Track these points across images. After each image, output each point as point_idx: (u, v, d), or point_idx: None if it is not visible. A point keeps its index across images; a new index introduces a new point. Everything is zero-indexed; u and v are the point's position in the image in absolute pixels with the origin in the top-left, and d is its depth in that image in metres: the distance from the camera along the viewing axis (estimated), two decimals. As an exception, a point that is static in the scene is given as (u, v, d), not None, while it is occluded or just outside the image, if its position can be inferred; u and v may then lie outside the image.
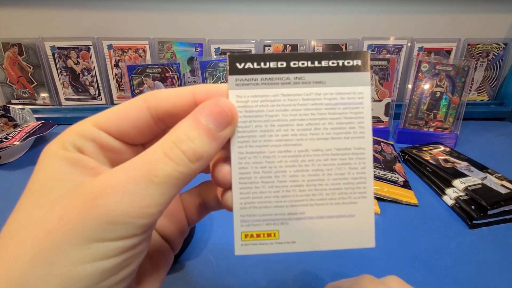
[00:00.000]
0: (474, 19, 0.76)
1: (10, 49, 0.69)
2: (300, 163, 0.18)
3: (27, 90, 0.73)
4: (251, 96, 0.18)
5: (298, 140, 0.18)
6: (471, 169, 0.51)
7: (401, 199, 0.47)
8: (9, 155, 0.58)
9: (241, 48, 0.71)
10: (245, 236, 0.18)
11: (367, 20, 0.74)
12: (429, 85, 0.64)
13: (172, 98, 0.17)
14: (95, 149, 0.17)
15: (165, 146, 0.15)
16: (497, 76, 0.77)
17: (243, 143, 0.18)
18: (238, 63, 0.18)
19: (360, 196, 0.18)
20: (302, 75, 0.18)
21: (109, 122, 0.17)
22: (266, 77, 0.18)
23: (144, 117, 0.17)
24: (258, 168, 0.18)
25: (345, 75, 0.18)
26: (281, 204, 0.18)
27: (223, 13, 0.73)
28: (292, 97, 0.18)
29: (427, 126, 0.66)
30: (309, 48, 0.72)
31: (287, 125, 0.18)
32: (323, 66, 0.18)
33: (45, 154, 0.17)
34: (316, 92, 0.18)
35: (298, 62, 0.18)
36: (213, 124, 0.16)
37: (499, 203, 0.43)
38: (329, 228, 0.18)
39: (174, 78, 0.61)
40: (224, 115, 0.17)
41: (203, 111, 0.16)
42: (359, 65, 0.18)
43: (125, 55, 0.71)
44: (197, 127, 0.16)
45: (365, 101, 0.18)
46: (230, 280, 0.35)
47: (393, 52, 0.73)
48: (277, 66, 0.18)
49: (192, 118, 0.16)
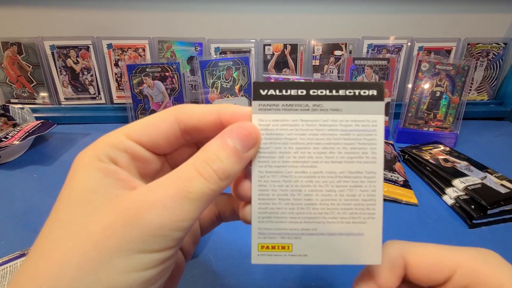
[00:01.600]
0: (474, 18, 0.76)
1: (10, 48, 0.69)
2: (315, 184, 0.19)
3: (27, 90, 0.73)
4: (272, 120, 0.19)
5: (313, 162, 0.19)
6: (471, 169, 0.51)
7: (401, 199, 0.47)
8: (9, 155, 0.58)
9: (241, 48, 0.71)
10: (261, 247, 0.19)
11: (367, 19, 0.74)
12: (429, 85, 0.64)
13: (200, 114, 0.19)
14: (127, 160, 0.18)
15: (197, 164, 0.17)
16: (497, 76, 0.77)
17: (263, 163, 0.19)
18: (262, 89, 0.19)
19: (369, 216, 0.19)
20: (320, 103, 0.19)
21: (141, 134, 0.18)
22: (287, 103, 0.19)
23: (173, 130, 0.19)
24: (276, 186, 0.19)
25: (361, 103, 0.19)
26: (296, 220, 0.19)
27: (223, 13, 0.72)
28: (310, 123, 0.19)
29: (427, 125, 0.66)
30: (309, 48, 0.72)
31: (304, 148, 0.19)
32: (340, 95, 0.19)
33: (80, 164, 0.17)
34: (333, 118, 0.19)
35: (317, 90, 0.19)
36: (239, 145, 0.18)
37: (499, 202, 0.43)
38: (338, 244, 0.19)
39: (174, 78, 0.61)
40: (250, 138, 0.18)
41: (231, 134, 0.18)
42: (375, 95, 0.19)
43: (125, 54, 0.71)
44: (225, 148, 0.17)
45: (378, 129, 0.19)
46: (230, 280, 0.35)
47: (393, 51, 0.73)
48: (297, 93, 0.19)
49: (220, 139, 0.18)
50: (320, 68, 0.74)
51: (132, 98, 0.60)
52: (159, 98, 0.61)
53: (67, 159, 0.59)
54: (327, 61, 0.73)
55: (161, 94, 0.61)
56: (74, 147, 0.63)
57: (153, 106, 0.61)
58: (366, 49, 0.73)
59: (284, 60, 0.73)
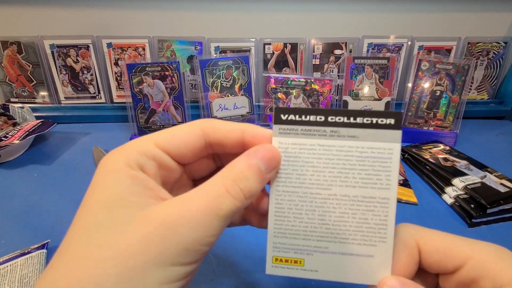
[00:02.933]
0: (474, 17, 0.75)
1: (9, 47, 0.69)
2: (328, 205, 0.20)
3: (27, 89, 0.73)
4: (291, 144, 0.20)
5: (328, 185, 0.20)
6: (471, 168, 0.51)
7: (401, 198, 0.48)
8: (9, 154, 0.58)
9: (241, 47, 0.71)
10: (275, 259, 0.20)
11: (367, 18, 0.74)
12: (429, 84, 0.64)
13: (225, 131, 0.21)
14: (154, 168, 0.19)
15: (226, 183, 0.18)
16: (497, 75, 0.77)
17: (281, 182, 0.20)
18: (283, 114, 0.20)
19: (380, 240, 0.19)
20: (338, 129, 0.20)
21: (169, 143, 0.20)
22: (306, 128, 0.20)
23: (199, 142, 0.20)
24: (292, 205, 0.20)
25: (378, 131, 0.19)
26: (308, 238, 0.20)
27: (223, 12, 0.72)
28: (327, 148, 0.20)
29: (427, 125, 0.66)
30: (309, 47, 0.72)
31: (320, 171, 0.20)
32: (358, 123, 0.20)
33: (110, 169, 0.18)
34: (349, 145, 0.20)
35: (336, 117, 0.20)
36: (263, 167, 0.19)
37: (499, 201, 0.43)
38: (349, 264, 0.20)
39: (173, 77, 0.61)
40: (273, 160, 0.19)
41: (256, 155, 0.19)
42: (392, 123, 0.19)
43: (125, 54, 0.71)
44: (251, 168, 0.18)
45: (394, 157, 0.19)
46: (230, 280, 0.35)
47: (393, 50, 0.73)
48: (316, 119, 0.20)
49: (247, 159, 0.19)
50: (320, 67, 0.74)
51: (132, 97, 0.60)
52: (159, 97, 0.61)
53: (67, 158, 0.59)
54: (327, 60, 0.73)
55: (161, 93, 0.61)
56: (74, 146, 0.63)
57: (153, 105, 0.61)
58: (366, 48, 0.73)
59: (284, 59, 0.73)
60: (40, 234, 0.40)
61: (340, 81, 0.67)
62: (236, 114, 0.66)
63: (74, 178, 0.52)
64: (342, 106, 0.67)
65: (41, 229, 0.41)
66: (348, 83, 0.66)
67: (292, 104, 0.67)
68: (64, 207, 0.46)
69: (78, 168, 0.55)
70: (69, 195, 0.48)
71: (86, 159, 0.58)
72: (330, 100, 0.66)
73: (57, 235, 0.40)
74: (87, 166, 0.56)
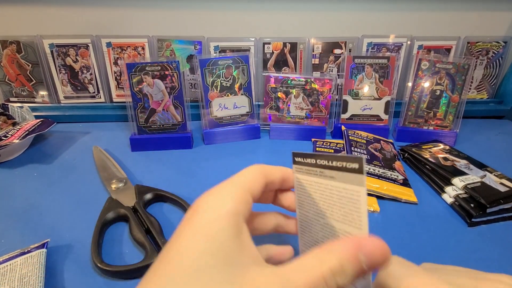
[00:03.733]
0: (474, 17, 0.75)
1: (9, 46, 0.69)
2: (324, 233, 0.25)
3: (26, 88, 0.73)
4: (303, 179, 0.26)
5: (323, 215, 0.24)
6: (471, 167, 0.51)
7: (401, 197, 0.48)
8: (9, 153, 0.58)
9: (240, 46, 0.71)
10: None
11: (367, 18, 0.74)
12: (429, 83, 0.64)
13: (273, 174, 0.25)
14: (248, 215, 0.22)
15: (325, 273, 0.17)
16: (496, 74, 0.77)
17: (299, 205, 0.27)
18: (297, 157, 0.26)
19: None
20: (323, 170, 0.23)
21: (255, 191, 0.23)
22: (307, 168, 0.25)
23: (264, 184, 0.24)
24: (303, 224, 0.27)
25: (347, 174, 0.21)
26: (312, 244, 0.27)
27: (222, 11, 0.72)
28: (319, 185, 0.24)
29: (427, 124, 0.66)
30: (308, 46, 0.72)
31: (315, 203, 0.25)
32: (334, 165, 0.22)
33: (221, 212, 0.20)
34: (331, 184, 0.23)
35: (321, 160, 0.23)
36: (367, 265, 0.18)
37: (498, 201, 0.43)
38: None
39: (173, 76, 0.60)
40: (381, 258, 0.18)
41: (365, 248, 0.18)
42: (356, 168, 0.21)
43: (124, 53, 0.71)
44: (354, 262, 0.18)
45: (361, 199, 0.21)
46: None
47: (392, 50, 0.73)
48: (311, 161, 0.24)
49: (352, 252, 0.18)
50: (320, 67, 0.74)
51: (131, 96, 0.60)
52: (158, 96, 0.61)
53: (67, 157, 0.59)
54: (326, 60, 0.73)
55: (161, 93, 0.61)
56: (74, 145, 0.63)
57: (152, 104, 0.61)
58: (366, 48, 0.73)
59: (284, 58, 0.73)
60: (40, 233, 0.40)
61: (340, 80, 0.67)
62: (236, 114, 0.66)
63: (74, 178, 0.52)
64: (342, 105, 0.67)
65: (41, 228, 0.41)
66: (348, 82, 0.66)
67: (292, 104, 0.67)
68: (64, 207, 0.46)
69: (78, 168, 0.55)
70: (69, 194, 0.48)
71: (86, 159, 0.58)
72: (330, 99, 0.66)
73: (57, 234, 0.40)
74: (86, 165, 0.56)
